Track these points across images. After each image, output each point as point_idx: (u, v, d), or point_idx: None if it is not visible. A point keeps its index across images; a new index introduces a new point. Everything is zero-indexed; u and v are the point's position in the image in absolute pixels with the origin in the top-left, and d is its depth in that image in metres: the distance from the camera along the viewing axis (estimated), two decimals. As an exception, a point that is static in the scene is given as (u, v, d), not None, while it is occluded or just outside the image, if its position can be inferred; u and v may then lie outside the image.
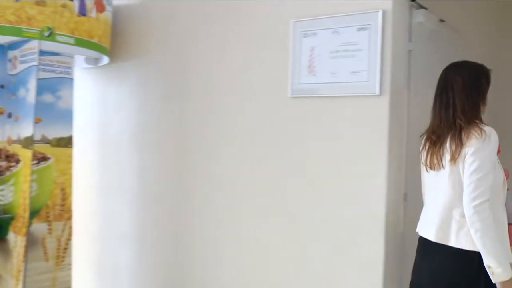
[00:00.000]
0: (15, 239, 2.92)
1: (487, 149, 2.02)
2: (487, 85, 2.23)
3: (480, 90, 2.19)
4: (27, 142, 2.89)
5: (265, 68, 2.89)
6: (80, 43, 3.01)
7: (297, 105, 2.76)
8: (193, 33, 3.19)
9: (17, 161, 2.98)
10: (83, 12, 2.99)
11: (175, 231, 3.27)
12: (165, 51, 3.33)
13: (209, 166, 3.11)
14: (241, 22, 3.00)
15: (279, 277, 2.81)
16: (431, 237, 2.16)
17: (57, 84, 3.07)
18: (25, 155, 2.90)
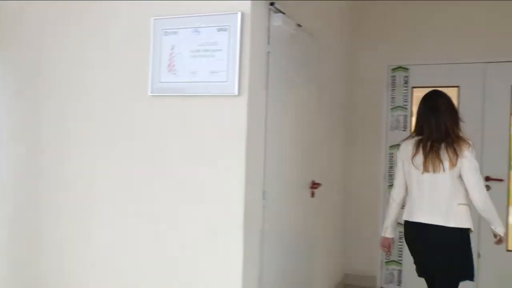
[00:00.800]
0: None
1: (474, 155, 2.81)
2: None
3: (457, 112, 2.91)
4: None
5: (125, 66, 2.80)
6: None
7: (157, 104, 2.71)
8: (47, 32, 3.02)
9: None
10: None
11: (25, 231, 3.05)
12: (17, 50, 3.10)
13: (64, 166, 2.94)
14: (100, 20, 2.88)
15: (138, 277, 2.74)
16: (442, 223, 2.81)
17: None
18: None
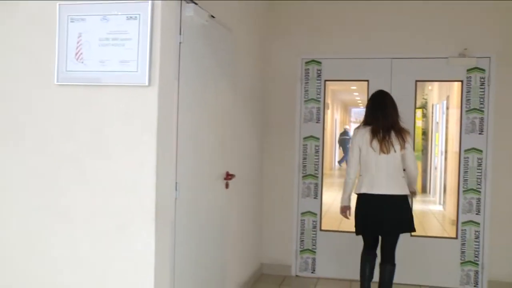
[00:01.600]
0: None
1: (411, 141, 3.87)
2: None
3: (397, 108, 3.88)
4: None
5: (29, 52, 2.66)
6: None
7: (64, 93, 2.60)
8: None
9: None
10: None
11: None
12: None
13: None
14: (2, 3, 2.71)
15: (46, 272, 2.63)
16: (393, 192, 3.75)
17: None
18: None
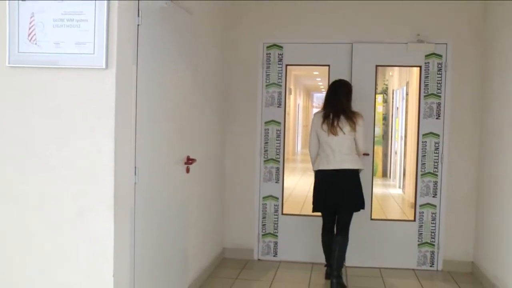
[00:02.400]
0: None
1: (364, 124, 4.18)
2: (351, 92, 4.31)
3: (351, 95, 4.24)
4: None
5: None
6: None
7: (17, 76, 2.51)
8: None
9: None
10: None
11: None
12: None
13: None
14: None
15: (4, 262, 2.56)
16: (350, 166, 4.11)
17: None
18: None
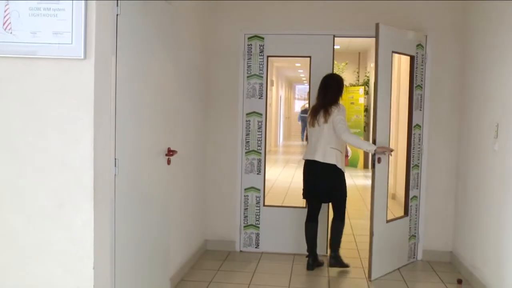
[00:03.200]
0: None
1: (341, 113, 4.22)
2: (343, 87, 4.49)
3: (341, 90, 4.42)
4: None
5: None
6: None
7: (-7, 66, 2.48)
8: None
9: None
10: None
11: None
12: None
13: None
14: None
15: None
16: (319, 159, 4.23)
17: None
18: None
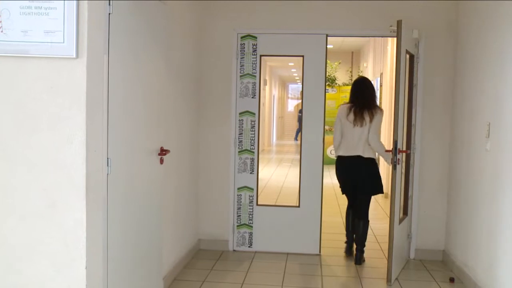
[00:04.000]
0: None
1: (382, 117, 4.65)
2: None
3: (375, 91, 4.84)
4: None
5: None
6: None
7: (-16, 65, 2.46)
8: None
9: None
10: None
11: None
12: None
13: None
14: None
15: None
16: (361, 154, 4.57)
17: None
18: None
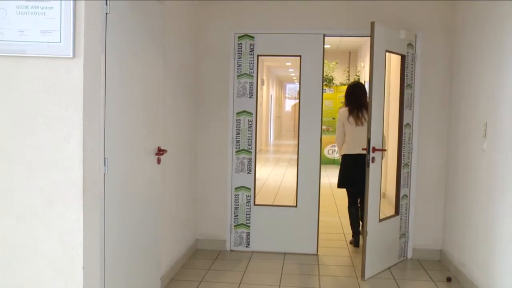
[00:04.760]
0: None
1: None
2: None
3: (367, 94, 4.99)
4: None
5: None
6: None
7: (-18, 65, 2.46)
8: None
9: None
10: None
11: None
12: None
13: None
14: None
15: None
16: (363, 152, 4.56)
17: None
18: None
